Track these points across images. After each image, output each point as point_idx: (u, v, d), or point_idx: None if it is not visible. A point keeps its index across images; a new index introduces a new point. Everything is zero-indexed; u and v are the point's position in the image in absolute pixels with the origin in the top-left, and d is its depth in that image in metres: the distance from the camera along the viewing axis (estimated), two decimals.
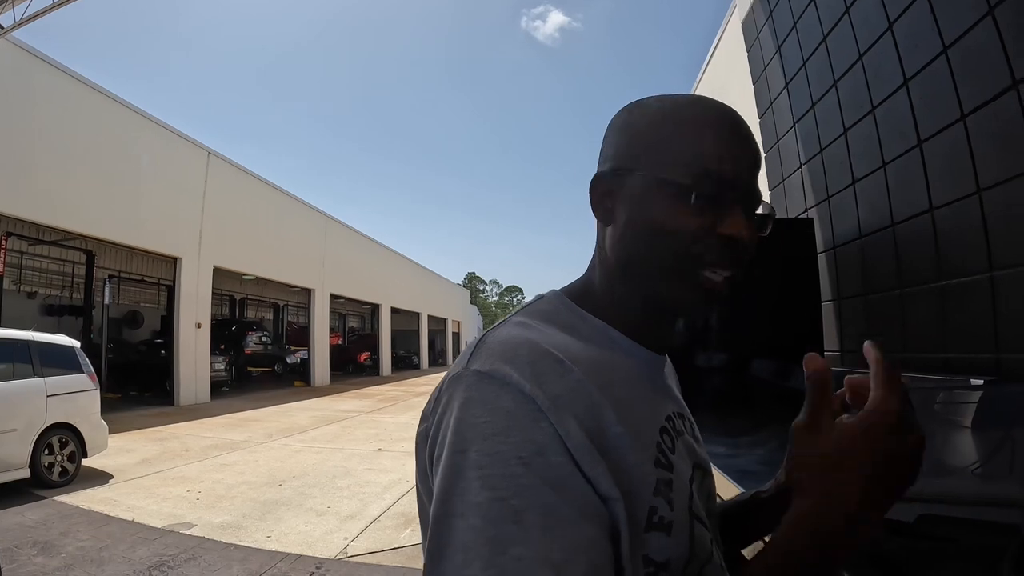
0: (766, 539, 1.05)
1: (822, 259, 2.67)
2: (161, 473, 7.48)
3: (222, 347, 18.43)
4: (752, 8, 3.68)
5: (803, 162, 2.89)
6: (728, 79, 5.07)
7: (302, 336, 23.94)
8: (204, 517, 5.69)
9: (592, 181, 0.73)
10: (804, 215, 2.88)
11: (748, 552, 1.19)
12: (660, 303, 0.72)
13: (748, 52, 3.75)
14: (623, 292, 0.73)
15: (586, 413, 0.58)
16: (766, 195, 3.45)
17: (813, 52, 2.67)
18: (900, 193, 2.06)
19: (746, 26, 3.85)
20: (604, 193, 0.72)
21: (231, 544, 4.98)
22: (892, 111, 2.06)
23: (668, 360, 0.83)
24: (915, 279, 1.97)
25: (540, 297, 0.77)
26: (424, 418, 0.65)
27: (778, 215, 3.28)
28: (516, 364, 0.58)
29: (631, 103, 0.76)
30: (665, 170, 0.67)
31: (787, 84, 3.05)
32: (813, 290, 2.66)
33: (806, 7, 2.69)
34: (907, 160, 1.98)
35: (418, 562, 4.28)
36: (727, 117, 0.69)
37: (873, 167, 2.21)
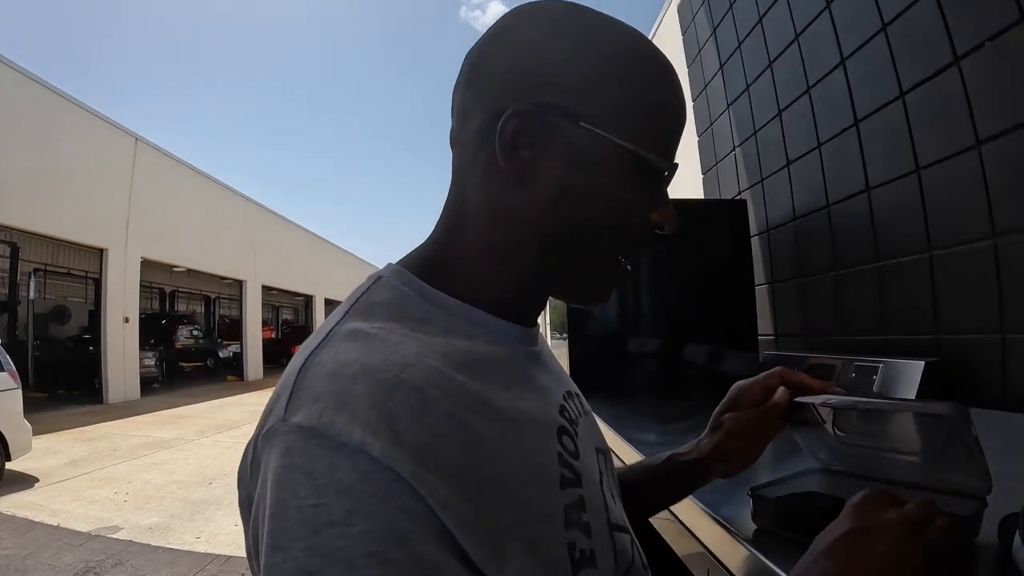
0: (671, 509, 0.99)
1: (755, 242, 2.66)
2: (88, 475, 7.18)
3: (152, 342, 17.81)
4: None
5: (736, 144, 2.89)
6: None
7: (235, 329, 23.32)
8: (132, 519, 5.48)
9: (507, 116, 0.52)
10: (737, 198, 2.88)
11: (656, 521, 1.11)
12: (564, 290, 0.60)
13: (683, 36, 3.73)
14: (517, 267, 0.57)
15: (463, 459, 0.41)
16: (698, 179, 3.46)
17: (749, 33, 2.66)
18: (836, 173, 2.06)
19: (682, 9, 3.83)
20: (519, 132, 0.52)
21: (159, 547, 4.80)
22: (828, 91, 2.06)
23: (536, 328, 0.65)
24: (851, 260, 1.98)
25: (377, 279, 0.57)
26: (242, 482, 0.47)
27: (711, 198, 3.28)
28: (354, 410, 0.39)
29: (547, 7, 0.57)
30: (631, 137, 0.53)
31: (721, 67, 3.04)
32: (746, 273, 2.65)
33: None
34: (843, 140, 1.98)
35: None
36: (677, 78, 0.58)
37: (809, 147, 2.20)
